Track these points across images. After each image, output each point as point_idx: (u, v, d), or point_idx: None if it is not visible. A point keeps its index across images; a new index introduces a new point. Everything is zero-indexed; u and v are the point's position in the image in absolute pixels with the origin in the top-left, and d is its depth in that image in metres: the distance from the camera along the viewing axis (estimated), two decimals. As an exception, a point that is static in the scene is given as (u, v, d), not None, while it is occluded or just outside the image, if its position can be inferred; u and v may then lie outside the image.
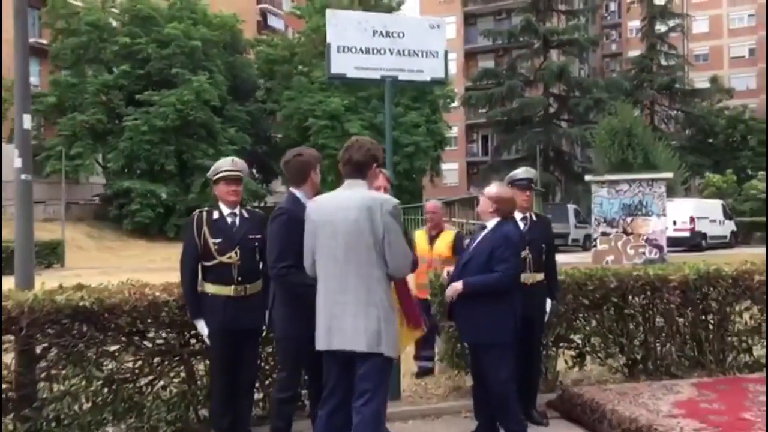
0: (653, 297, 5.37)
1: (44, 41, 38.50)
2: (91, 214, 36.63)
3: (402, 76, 5.13)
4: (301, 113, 36.86)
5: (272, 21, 59.40)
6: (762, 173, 44.60)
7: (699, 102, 49.46)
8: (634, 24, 57.17)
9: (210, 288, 4.05)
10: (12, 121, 34.74)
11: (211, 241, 4.03)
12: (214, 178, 4.18)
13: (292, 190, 3.90)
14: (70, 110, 35.07)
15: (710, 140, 48.39)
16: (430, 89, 38.87)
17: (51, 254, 24.63)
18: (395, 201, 3.37)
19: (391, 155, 5.26)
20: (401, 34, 5.06)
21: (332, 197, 3.45)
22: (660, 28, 49.00)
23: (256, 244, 4.10)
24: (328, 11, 4.99)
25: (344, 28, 4.96)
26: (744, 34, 60.14)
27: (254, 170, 40.98)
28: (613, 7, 66.38)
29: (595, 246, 20.43)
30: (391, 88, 5.17)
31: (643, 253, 19.83)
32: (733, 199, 37.13)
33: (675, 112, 49.65)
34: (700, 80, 53.60)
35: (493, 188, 4.27)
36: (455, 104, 43.75)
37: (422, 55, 5.12)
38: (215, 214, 4.13)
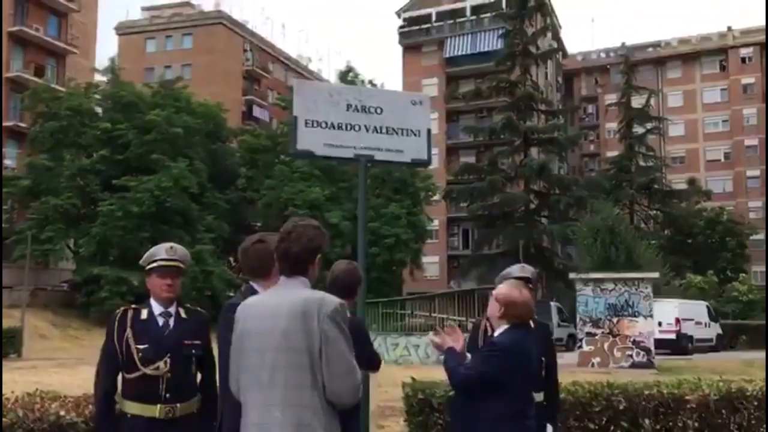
0: (667, 420, 4.59)
1: (24, 125, 38.30)
2: (58, 301, 35.24)
3: (379, 156, 4.47)
4: (281, 202, 36.45)
5: (257, 112, 60.27)
6: (743, 276, 44.61)
7: (678, 203, 49.91)
8: (612, 126, 58.47)
9: (130, 407, 3.18)
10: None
11: (134, 347, 3.19)
12: (147, 267, 3.38)
13: (252, 283, 3.14)
14: (44, 194, 34.35)
15: (689, 241, 48.48)
16: (411, 181, 38.91)
17: (7, 343, 23.18)
18: (338, 301, 2.56)
19: (364, 242, 4.55)
20: (379, 110, 4.44)
21: (262, 300, 2.68)
22: (637, 130, 50.03)
23: (193, 351, 3.27)
24: (294, 81, 4.43)
25: (313, 101, 4.32)
26: (719, 138, 61.75)
27: (231, 259, 40.13)
28: (591, 109, 68.19)
29: (580, 347, 19.61)
30: (365, 169, 4.51)
31: (630, 356, 19.04)
32: (715, 301, 36.67)
33: (654, 212, 49.97)
34: (677, 182, 54.43)
35: (503, 288, 3.51)
36: (437, 197, 43.68)
37: (402, 134, 4.49)
38: (143, 314, 3.30)
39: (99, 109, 37.96)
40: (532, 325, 3.92)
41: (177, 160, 34.59)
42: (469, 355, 3.45)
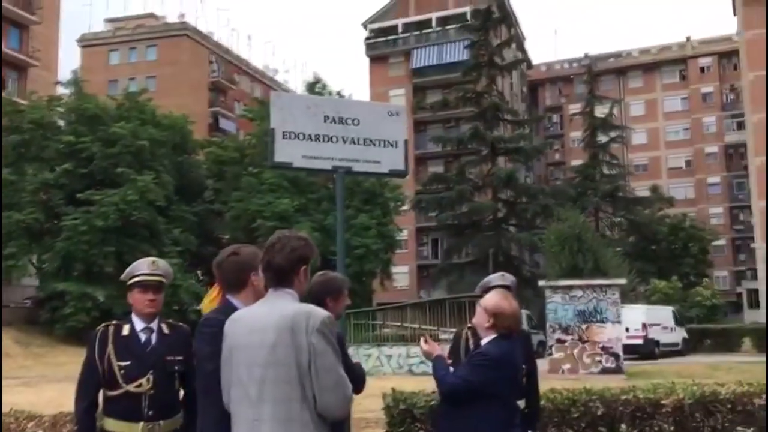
0: (643, 425, 4.65)
1: (-16, 138, 37.48)
2: (21, 318, 34.46)
3: (357, 168, 4.49)
4: (249, 214, 36.20)
5: (224, 123, 59.89)
6: (706, 281, 45.55)
7: (641, 210, 50.76)
8: (576, 135, 59.35)
9: (111, 425, 3.13)
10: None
11: (116, 364, 3.15)
12: (129, 282, 3.35)
13: (229, 297, 3.09)
14: (6, 209, 33.59)
15: (653, 247, 49.33)
16: (380, 191, 38.98)
17: (-31, 362, 22.58)
18: (325, 314, 2.55)
19: (343, 255, 4.56)
20: (356, 121, 4.46)
21: (250, 314, 2.64)
22: (601, 138, 50.81)
23: (176, 367, 3.24)
24: (272, 93, 4.42)
25: (291, 113, 4.32)
26: (680, 146, 63.11)
27: (199, 272, 39.69)
28: (555, 118, 69.16)
29: (551, 354, 19.80)
30: (343, 180, 4.52)
31: (600, 362, 19.28)
32: (680, 305, 37.33)
33: (619, 219, 50.72)
34: (641, 189, 55.43)
35: (493, 298, 3.52)
36: (406, 207, 43.81)
37: (379, 145, 4.51)
38: (125, 329, 3.27)
39: (62, 123, 37.32)
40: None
41: (142, 173, 34.15)
42: (451, 369, 3.47)
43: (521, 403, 3.83)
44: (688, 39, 65.94)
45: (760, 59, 43.20)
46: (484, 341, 3.44)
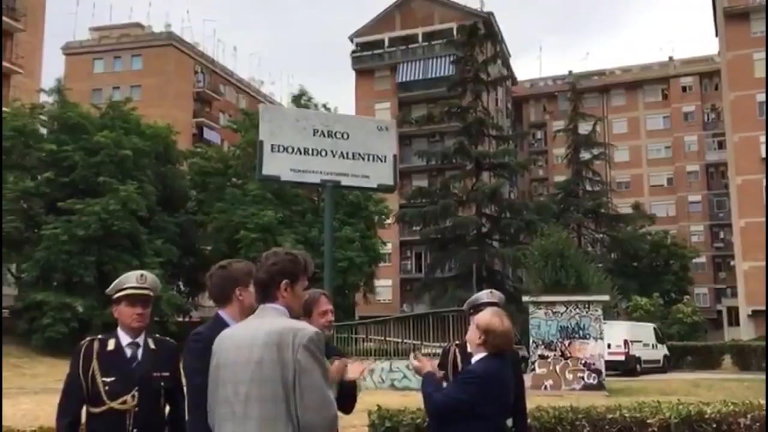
0: (630, 443, 4.65)
1: (-36, 146, 37.00)
2: (-2, 329, 33.92)
3: (345, 182, 4.44)
4: (232, 226, 36.01)
5: (208, 134, 59.71)
6: (687, 298, 45.92)
7: (623, 227, 51.13)
8: (560, 151, 59.76)
9: None
10: None
11: (101, 380, 3.06)
12: (115, 296, 3.25)
13: (218, 310, 3.08)
14: (-14, 216, 33.15)
15: (635, 264, 49.67)
16: (364, 204, 39.01)
17: (-57, 373, 22.16)
18: (313, 331, 2.48)
19: (331, 268, 4.52)
20: (345, 135, 4.42)
21: (239, 330, 2.61)
22: (584, 155, 51.24)
23: (162, 384, 3.16)
24: (261, 105, 4.38)
25: (279, 126, 4.27)
26: (662, 164, 63.74)
27: (181, 283, 39.38)
28: (539, 135, 69.65)
29: (533, 370, 19.79)
30: (331, 194, 4.49)
31: (582, 378, 19.29)
32: (661, 322, 37.55)
33: (601, 235, 51.05)
34: (623, 206, 55.88)
35: (485, 316, 3.51)
36: (389, 221, 43.82)
37: (368, 159, 4.47)
38: (110, 344, 3.17)
39: (44, 131, 36.98)
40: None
41: (125, 183, 33.85)
42: (444, 383, 3.45)
43: (509, 422, 3.81)
44: (670, 59, 66.85)
45: (740, 80, 43.86)
46: (474, 359, 3.42)
